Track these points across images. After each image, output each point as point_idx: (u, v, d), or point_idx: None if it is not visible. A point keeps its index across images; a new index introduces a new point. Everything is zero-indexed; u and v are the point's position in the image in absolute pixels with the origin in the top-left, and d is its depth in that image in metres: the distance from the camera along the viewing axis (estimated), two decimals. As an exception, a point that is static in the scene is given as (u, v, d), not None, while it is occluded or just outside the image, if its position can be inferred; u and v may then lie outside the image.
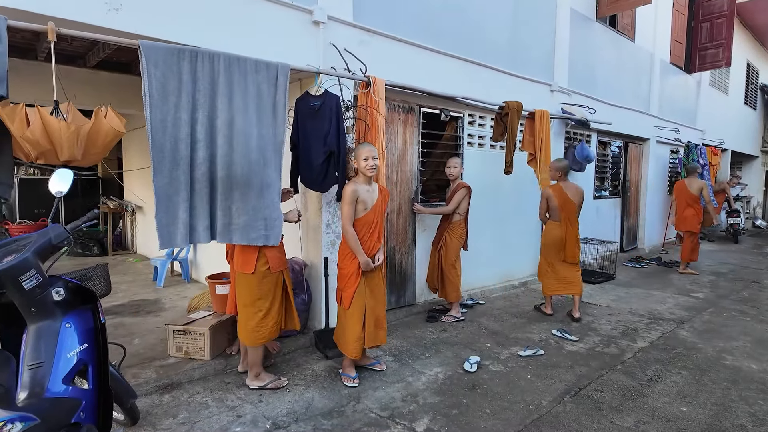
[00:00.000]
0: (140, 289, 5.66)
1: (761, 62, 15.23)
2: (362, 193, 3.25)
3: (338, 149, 3.45)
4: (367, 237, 3.29)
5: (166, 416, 2.81)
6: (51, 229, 2.06)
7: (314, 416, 2.85)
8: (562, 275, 4.89)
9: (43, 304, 1.93)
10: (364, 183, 3.29)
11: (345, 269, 3.30)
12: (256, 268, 3.04)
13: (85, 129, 2.43)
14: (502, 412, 2.95)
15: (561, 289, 4.92)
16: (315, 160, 3.43)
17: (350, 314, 3.26)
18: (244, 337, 3.13)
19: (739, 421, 2.88)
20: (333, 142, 3.41)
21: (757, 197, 15.90)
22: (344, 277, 3.30)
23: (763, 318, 5.05)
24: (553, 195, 4.82)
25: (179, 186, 2.76)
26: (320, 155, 3.41)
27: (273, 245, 3.07)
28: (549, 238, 4.91)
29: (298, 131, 3.52)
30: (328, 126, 3.42)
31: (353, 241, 3.22)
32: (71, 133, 2.35)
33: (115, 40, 2.71)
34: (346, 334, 3.29)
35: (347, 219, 3.22)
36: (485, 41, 5.48)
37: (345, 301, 3.28)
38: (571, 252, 4.82)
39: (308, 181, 3.56)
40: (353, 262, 3.27)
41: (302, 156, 3.52)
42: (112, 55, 4.86)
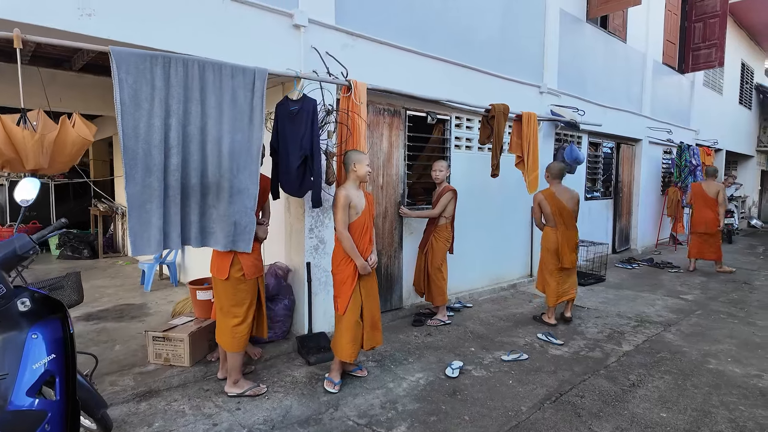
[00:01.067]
0: (127, 293, 5.64)
1: (756, 62, 15.23)
2: (354, 198, 3.26)
3: (311, 153, 3.43)
4: (359, 240, 3.30)
5: (141, 425, 2.79)
6: (16, 239, 2.04)
7: (291, 424, 2.83)
8: (563, 281, 4.77)
9: (8, 315, 1.91)
10: (354, 188, 3.30)
11: (340, 274, 3.29)
12: (230, 274, 3.02)
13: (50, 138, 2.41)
14: (480, 419, 2.93)
15: (562, 295, 4.77)
16: (292, 164, 3.41)
17: (346, 318, 3.25)
18: (222, 342, 3.11)
19: (718, 427, 2.87)
20: (307, 146, 3.40)
21: (753, 197, 15.91)
22: (339, 283, 3.29)
23: (751, 320, 5.04)
24: (545, 200, 4.71)
25: (152, 193, 2.74)
26: (296, 159, 3.40)
27: (245, 251, 3.04)
28: (548, 244, 4.77)
29: (278, 137, 3.50)
30: (304, 130, 3.41)
31: (350, 245, 3.21)
32: (35, 141, 2.33)
33: (84, 45, 2.68)
34: (343, 337, 3.27)
35: (342, 224, 3.21)
36: (473, 43, 5.46)
37: (341, 306, 3.27)
38: (568, 258, 4.69)
39: (286, 187, 3.54)
40: (348, 267, 3.26)
41: (281, 161, 3.50)
42: (97, 58, 4.82)
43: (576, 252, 4.81)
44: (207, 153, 2.94)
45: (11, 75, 5.00)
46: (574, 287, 4.85)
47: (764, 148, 16.13)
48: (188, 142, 2.87)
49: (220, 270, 3.05)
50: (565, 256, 4.70)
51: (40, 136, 2.36)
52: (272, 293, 3.91)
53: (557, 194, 4.70)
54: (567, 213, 4.69)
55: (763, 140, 16.18)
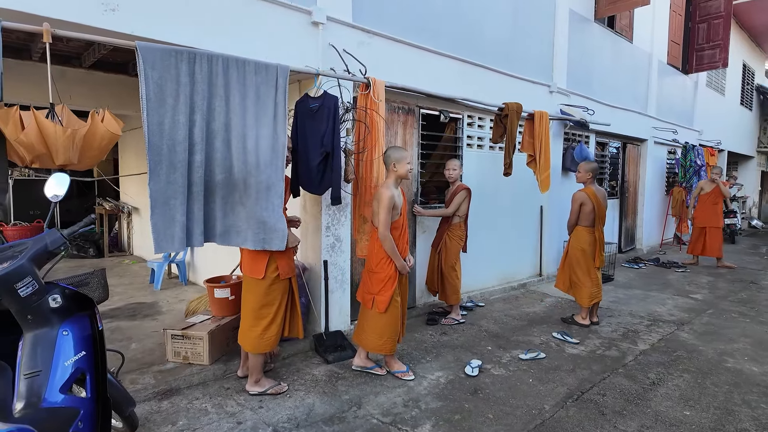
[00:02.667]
0: (137, 292, 5.61)
1: (757, 63, 15.30)
2: (396, 198, 3.27)
3: (333, 150, 3.41)
4: (399, 240, 3.34)
5: (165, 423, 2.77)
6: (47, 234, 2.02)
7: (315, 422, 2.81)
8: (595, 282, 4.67)
9: (40, 312, 1.89)
10: (395, 187, 3.32)
11: (381, 273, 3.31)
12: (266, 274, 2.99)
13: (81, 132, 2.38)
14: (504, 417, 2.92)
15: (596, 296, 4.65)
16: (312, 161, 3.39)
17: (389, 315, 3.32)
18: (246, 344, 3.08)
19: (742, 425, 2.87)
20: (329, 143, 3.38)
21: (753, 197, 15.97)
22: (381, 281, 3.30)
23: (762, 320, 5.05)
24: (588, 199, 4.60)
25: (176, 189, 2.72)
26: (317, 156, 3.38)
27: (278, 250, 2.99)
28: (583, 244, 4.66)
29: (297, 134, 3.49)
30: (324, 127, 3.39)
31: (391, 246, 3.24)
32: (67, 137, 2.30)
33: (111, 41, 2.66)
34: (386, 333, 3.34)
35: (386, 225, 3.21)
36: (484, 42, 5.46)
37: (381, 305, 3.29)
38: (600, 258, 4.69)
39: (306, 184, 3.52)
40: (390, 266, 3.29)
41: (300, 158, 3.48)
42: (108, 55, 4.80)
43: (603, 252, 4.78)
44: (231, 149, 2.92)
45: (21, 72, 4.97)
46: (600, 289, 4.77)
47: (765, 149, 16.20)
48: (212, 138, 2.85)
49: (255, 269, 3.00)
50: (599, 256, 4.69)
51: (72, 131, 2.33)
52: (289, 291, 3.89)
53: (596, 192, 4.67)
54: (603, 212, 4.70)
55: (764, 141, 16.25)
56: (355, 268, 4.36)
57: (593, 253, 4.69)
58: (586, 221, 4.70)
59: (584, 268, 4.70)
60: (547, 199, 6.50)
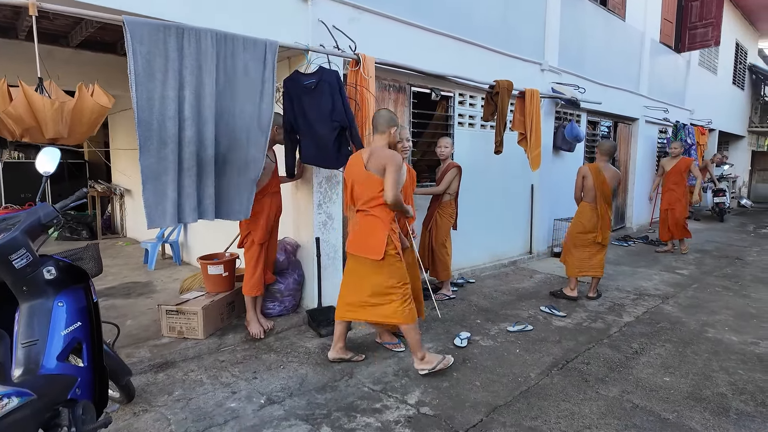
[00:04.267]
0: (131, 272, 5.65)
1: (750, 42, 15.28)
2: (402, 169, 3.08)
3: (350, 124, 3.43)
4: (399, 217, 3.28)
5: (162, 393, 2.84)
6: (40, 208, 2.05)
7: (308, 391, 2.90)
8: (588, 257, 4.80)
9: (35, 283, 1.94)
10: None
11: None
12: (385, 252, 2.99)
13: (69, 105, 2.39)
14: (491, 385, 3.02)
15: (586, 270, 4.80)
16: (325, 137, 3.38)
17: None
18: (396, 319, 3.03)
19: (719, 389, 2.99)
20: (342, 118, 3.38)
21: (743, 177, 16.13)
22: None
23: (745, 293, 5.18)
24: (589, 173, 4.71)
25: (167, 165, 2.75)
26: (330, 132, 3.37)
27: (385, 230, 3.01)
28: (583, 219, 4.79)
29: (294, 111, 3.49)
30: (331, 102, 3.38)
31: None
32: (55, 109, 2.31)
33: (98, 15, 2.65)
34: None
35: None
36: (476, 19, 5.43)
37: None
38: (601, 234, 4.74)
39: (318, 160, 3.52)
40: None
41: (305, 136, 3.49)
42: (95, 33, 4.75)
43: (609, 230, 4.81)
44: (219, 125, 2.96)
45: (7, 51, 4.90)
46: (601, 266, 4.81)
47: (755, 128, 16.31)
48: (203, 113, 2.87)
49: (376, 250, 2.98)
50: (600, 232, 4.74)
51: (60, 103, 2.34)
52: (281, 268, 3.95)
53: (603, 169, 4.72)
54: (608, 189, 4.72)
55: (755, 121, 16.35)
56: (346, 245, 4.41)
57: (593, 228, 4.76)
58: (588, 197, 4.79)
59: (575, 241, 4.83)
60: (537, 177, 6.55)
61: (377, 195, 2.99)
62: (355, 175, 3.08)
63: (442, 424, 2.56)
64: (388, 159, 2.94)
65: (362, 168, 3.02)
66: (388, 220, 3.05)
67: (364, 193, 3.04)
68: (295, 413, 2.65)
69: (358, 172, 3.05)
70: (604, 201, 4.75)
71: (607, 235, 4.80)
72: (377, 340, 3.65)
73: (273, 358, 3.37)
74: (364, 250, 3.05)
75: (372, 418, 2.62)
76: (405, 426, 2.54)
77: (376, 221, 3.02)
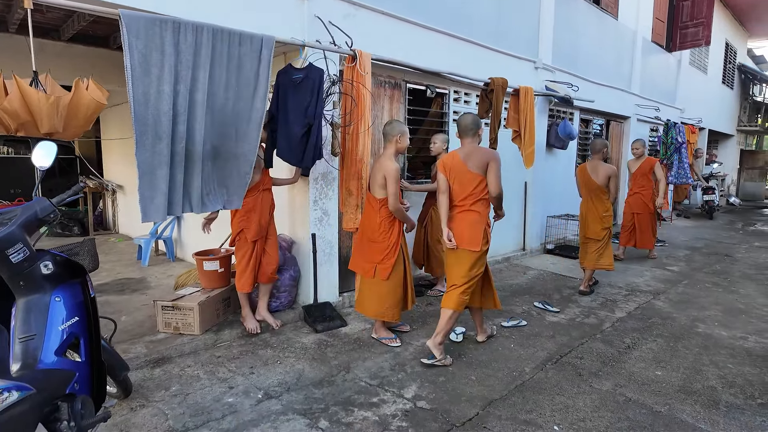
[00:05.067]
0: (124, 269, 5.62)
1: (739, 42, 15.47)
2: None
3: (315, 122, 3.44)
4: None
5: (159, 389, 2.84)
6: (36, 202, 2.04)
7: (305, 386, 2.91)
8: (583, 250, 5.08)
9: (32, 278, 1.93)
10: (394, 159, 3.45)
11: (384, 242, 3.44)
12: (481, 245, 3.23)
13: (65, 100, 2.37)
14: (486, 379, 3.06)
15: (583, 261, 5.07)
16: (295, 133, 3.40)
17: (389, 283, 3.46)
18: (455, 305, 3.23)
19: (709, 383, 3.05)
20: (312, 115, 3.39)
21: (732, 175, 16.35)
22: (383, 250, 3.44)
23: (734, 289, 5.27)
24: (577, 173, 5.10)
25: (162, 159, 2.74)
26: (300, 128, 3.39)
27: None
28: (579, 215, 5.15)
29: (278, 104, 3.49)
30: (309, 99, 3.40)
31: (404, 215, 3.47)
32: (50, 104, 2.29)
33: (95, 9, 2.63)
34: (387, 300, 3.48)
35: (396, 196, 3.34)
36: (471, 16, 5.45)
37: (383, 272, 3.43)
38: (591, 228, 4.94)
39: (286, 155, 3.52)
40: (392, 234, 3.44)
41: (280, 129, 3.49)
42: (87, 27, 4.69)
43: (600, 224, 4.90)
44: (213, 120, 2.96)
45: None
46: (590, 260, 4.95)
47: (744, 127, 16.52)
48: (194, 108, 2.86)
49: (474, 242, 3.22)
50: (587, 226, 4.98)
51: (55, 98, 2.32)
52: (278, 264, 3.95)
53: (588, 168, 4.92)
54: (593, 186, 4.87)
55: (743, 120, 16.56)
56: (342, 241, 4.43)
57: (583, 223, 5.05)
58: (579, 194, 5.13)
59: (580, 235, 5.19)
60: (531, 174, 6.60)
61: (478, 192, 3.26)
62: (456, 174, 3.30)
63: (438, 418, 2.59)
64: (491, 157, 3.27)
65: (464, 168, 3.27)
66: (486, 215, 3.33)
67: (464, 190, 3.28)
68: (292, 408, 2.66)
69: (460, 171, 3.28)
70: (590, 198, 4.95)
71: (595, 230, 4.92)
72: (373, 335, 3.68)
73: (269, 353, 3.38)
74: (460, 241, 3.28)
75: (369, 412, 2.64)
76: (402, 420, 2.57)
77: (476, 216, 3.28)
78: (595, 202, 4.91)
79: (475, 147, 3.35)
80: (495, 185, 3.25)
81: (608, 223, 4.92)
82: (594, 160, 4.91)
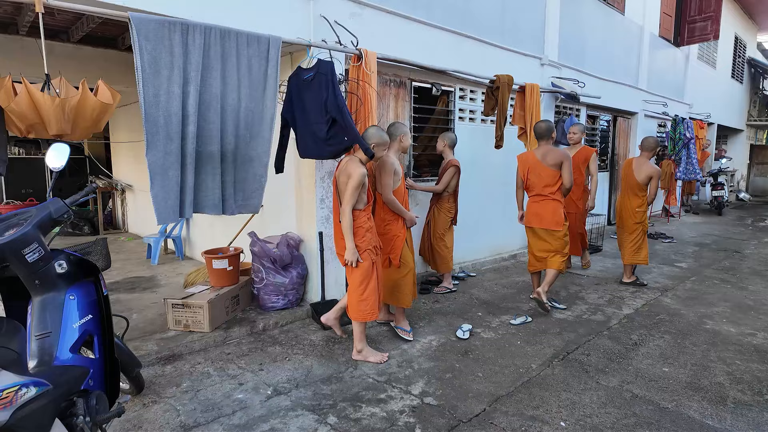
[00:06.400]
0: (134, 267, 5.69)
1: (749, 35, 15.28)
2: (397, 166, 3.54)
3: (341, 115, 3.30)
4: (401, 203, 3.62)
5: (170, 385, 2.89)
6: (51, 203, 2.08)
7: (314, 382, 2.95)
8: (621, 242, 5.26)
9: (47, 277, 1.97)
10: (396, 157, 3.62)
11: (390, 233, 3.59)
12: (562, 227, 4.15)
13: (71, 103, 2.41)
14: (493, 376, 3.08)
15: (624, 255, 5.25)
16: (320, 131, 3.37)
17: (402, 270, 3.61)
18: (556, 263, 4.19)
19: (717, 379, 3.05)
20: (333, 109, 3.34)
21: (742, 171, 16.18)
22: (391, 240, 3.59)
23: (742, 285, 5.24)
24: (622, 168, 5.32)
25: (173, 160, 2.78)
26: (324, 125, 3.36)
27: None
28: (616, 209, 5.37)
29: (293, 108, 3.51)
30: (325, 93, 3.38)
31: (398, 206, 3.55)
32: (56, 106, 2.34)
33: (104, 12, 2.67)
34: (402, 288, 3.63)
35: (389, 188, 3.48)
36: (476, 13, 5.45)
37: (395, 259, 3.60)
38: (625, 222, 5.16)
39: (312, 152, 3.52)
40: (397, 224, 3.59)
41: (302, 131, 3.50)
42: (96, 29, 4.75)
43: (633, 219, 5.11)
44: (223, 121, 2.99)
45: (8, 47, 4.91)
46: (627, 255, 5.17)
47: (754, 122, 16.34)
48: (205, 109, 2.90)
49: (559, 223, 4.15)
50: (622, 220, 5.22)
51: (60, 101, 2.36)
52: (285, 262, 3.99)
53: (633, 164, 5.11)
54: (632, 182, 5.06)
55: (753, 114, 16.38)
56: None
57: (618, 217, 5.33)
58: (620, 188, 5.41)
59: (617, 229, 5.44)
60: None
61: (554, 183, 4.16)
62: (533, 168, 4.23)
63: (445, 414, 2.62)
64: (564, 156, 4.14)
65: (539, 164, 4.19)
66: (562, 201, 4.23)
67: (540, 182, 4.21)
68: (301, 403, 2.70)
69: (537, 167, 4.21)
70: (627, 192, 5.16)
71: (627, 224, 5.14)
72: (392, 323, 3.83)
73: (278, 350, 3.42)
74: (545, 223, 4.20)
75: (377, 408, 2.67)
76: (409, 416, 2.60)
77: (555, 203, 4.20)
78: (631, 197, 5.09)
79: (550, 148, 4.19)
80: (568, 179, 4.13)
81: (641, 218, 5.08)
82: (641, 157, 5.07)
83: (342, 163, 3.24)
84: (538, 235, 4.28)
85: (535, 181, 4.20)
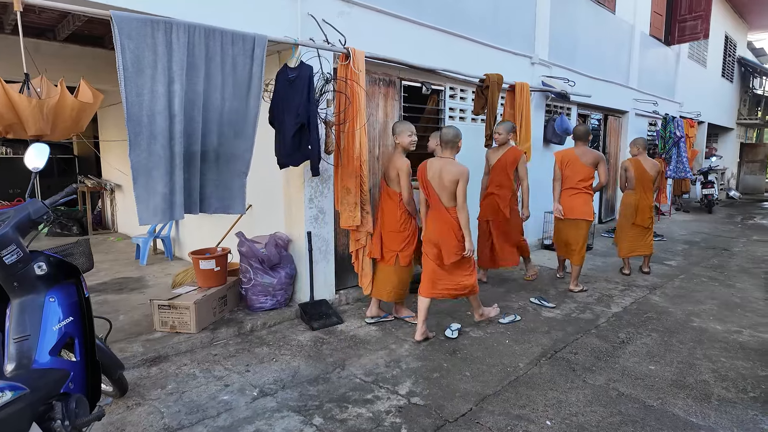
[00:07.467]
0: (123, 268, 5.64)
1: (739, 35, 15.40)
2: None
3: (308, 121, 3.39)
4: None
5: (155, 387, 2.87)
6: (29, 204, 2.06)
7: (300, 383, 2.94)
8: (634, 238, 5.51)
9: (26, 279, 1.94)
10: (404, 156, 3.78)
11: (405, 232, 3.80)
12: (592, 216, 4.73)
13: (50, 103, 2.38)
14: (481, 375, 3.08)
15: (635, 249, 5.55)
16: (287, 132, 3.40)
17: (408, 269, 3.90)
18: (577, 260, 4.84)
19: (702, 377, 3.07)
20: (303, 114, 3.37)
21: (732, 169, 16.31)
22: (405, 239, 3.80)
23: (730, 283, 5.29)
24: (630, 166, 5.48)
25: (157, 160, 2.75)
26: (292, 127, 3.38)
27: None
28: (624, 205, 5.59)
29: (275, 105, 3.50)
30: (300, 97, 3.39)
31: (415, 206, 3.79)
32: (33, 107, 2.30)
33: (85, 10, 2.63)
34: (403, 284, 3.93)
35: (408, 190, 3.71)
36: (466, 12, 5.44)
37: (405, 259, 3.82)
38: (641, 217, 5.43)
39: (280, 155, 3.52)
40: (411, 225, 3.81)
41: (276, 129, 3.51)
42: (83, 27, 4.70)
43: (649, 213, 5.46)
44: (208, 120, 2.97)
45: (-7, 45, 4.84)
46: (647, 245, 5.55)
47: (744, 120, 16.48)
48: (191, 108, 2.88)
49: (589, 213, 4.76)
50: (640, 215, 5.42)
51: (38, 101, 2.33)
52: (273, 262, 3.97)
53: (642, 162, 5.45)
54: (648, 178, 5.41)
55: (743, 113, 16.52)
56: (338, 239, 4.45)
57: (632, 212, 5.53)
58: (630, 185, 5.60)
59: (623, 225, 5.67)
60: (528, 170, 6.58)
61: (587, 179, 4.79)
62: (571, 164, 4.85)
63: (432, 414, 2.61)
64: (600, 157, 4.85)
65: (578, 160, 4.83)
66: (592, 194, 4.86)
67: (576, 176, 4.82)
68: (287, 405, 2.69)
69: (575, 163, 4.83)
70: (642, 189, 5.43)
71: (644, 219, 5.43)
72: (395, 314, 4.04)
73: (265, 351, 3.40)
74: (577, 214, 4.80)
75: (363, 408, 2.67)
76: (396, 416, 2.59)
77: (586, 195, 4.81)
78: (647, 193, 5.44)
79: (586, 148, 4.89)
80: (604, 176, 4.83)
81: (652, 213, 5.51)
82: (642, 155, 5.48)
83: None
84: (574, 225, 4.81)
85: (571, 175, 4.80)
